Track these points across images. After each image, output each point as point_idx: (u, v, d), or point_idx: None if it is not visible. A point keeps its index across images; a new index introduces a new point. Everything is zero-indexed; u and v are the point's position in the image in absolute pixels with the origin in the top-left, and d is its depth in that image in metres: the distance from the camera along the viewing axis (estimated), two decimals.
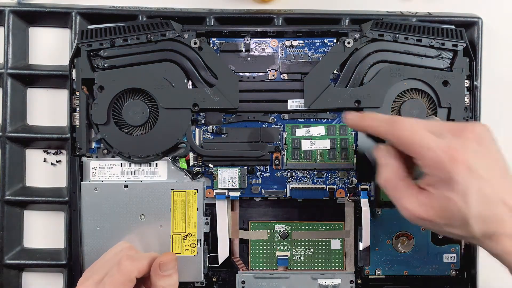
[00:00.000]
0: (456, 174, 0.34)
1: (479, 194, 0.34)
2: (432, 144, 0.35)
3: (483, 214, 0.34)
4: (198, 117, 0.49)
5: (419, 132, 0.36)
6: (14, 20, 0.50)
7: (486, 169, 0.34)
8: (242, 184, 0.48)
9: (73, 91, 0.48)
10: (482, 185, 0.34)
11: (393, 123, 0.37)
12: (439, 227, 0.36)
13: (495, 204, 0.34)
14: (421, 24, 0.48)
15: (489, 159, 0.35)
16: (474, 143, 0.35)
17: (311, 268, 0.50)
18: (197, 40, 0.47)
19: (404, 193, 0.36)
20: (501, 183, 0.35)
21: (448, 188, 0.34)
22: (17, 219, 0.51)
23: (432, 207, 0.35)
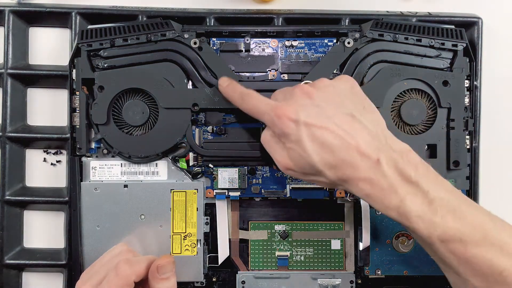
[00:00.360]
0: (285, 127, 0.38)
1: (315, 140, 0.37)
2: (264, 108, 0.40)
3: (327, 159, 0.37)
4: (198, 117, 0.49)
5: (256, 102, 0.41)
6: (14, 20, 0.50)
7: (318, 117, 0.37)
8: (242, 184, 0.48)
9: (73, 91, 0.48)
10: (315, 131, 0.37)
11: (242, 98, 0.43)
12: (302, 176, 0.40)
13: (337, 149, 0.36)
14: (421, 24, 0.48)
15: (325, 107, 0.38)
16: (302, 97, 0.39)
17: (311, 268, 0.50)
18: (197, 40, 0.47)
19: (274, 148, 0.40)
20: (342, 128, 0.37)
21: (287, 140, 0.38)
22: (17, 219, 0.51)
23: (289, 158, 0.39)
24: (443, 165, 0.48)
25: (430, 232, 0.36)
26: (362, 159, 0.36)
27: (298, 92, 0.40)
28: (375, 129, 0.38)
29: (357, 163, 0.36)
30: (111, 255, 0.44)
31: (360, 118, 0.38)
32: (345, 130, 0.37)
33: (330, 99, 0.39)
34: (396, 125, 0.48)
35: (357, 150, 0.36)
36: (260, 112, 0.41)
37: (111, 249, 0.45)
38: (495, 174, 0.52)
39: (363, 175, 0.36)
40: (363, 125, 0.38)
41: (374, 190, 0.36)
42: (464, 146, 0.48)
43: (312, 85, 0.40)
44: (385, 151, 0.36)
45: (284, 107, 0.38)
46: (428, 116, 0.48)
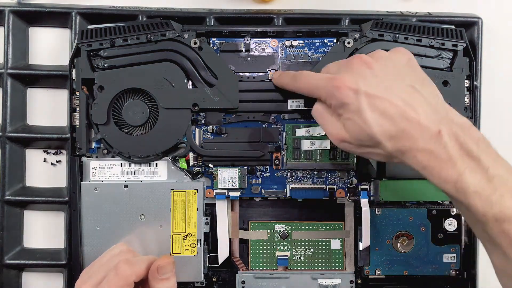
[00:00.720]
0: (345, 97, 0.37)
1: (375, 110, 0.36)
2: (320, 81, 0.40)
3: (388, 130, 0.36)
4: (198, 117, 0.49)
5: (310, 79, 0.41)
6: (14, 20, 0.50)
7: (378, 88, 0.37)
8: (242, 184, 0.48)
9: (73, 91, 0.48)
10: (375, 101, 0.36)
11: (294, 77, 0.43)
12: (358, 149, 0.39)
13: (398, 119, 0.36)
14: (421, 24, 0.48)
15: (384, 78, 0.37)
16: (362, 67, 0.38)
17: (311, 268, 0.50)
18: (197, 40, 0.47)
19: (328, 120, 0.40)
20: (403, 99, 0.36)
21: (346, 111, 0.38)
22: (17, 219, 0.51)
23: (345, 131, 0.38)
24: None
25: (486, 209, 0.34)
26: (422, 130, 0.35)
27: (357, 61, 0.39)
28: (435, 101, 0.37)
29: (417, 134, 0.35)
30: (110, 255, 0.43)
31: (420, 89, 0.37)
32: (406, 101, 0.36)
33: (390, 70, 0.38)
34: None
35: (418, 121, 0.35)
36: (315, 87, 0.40)
37: (110, 248, 0.45)
38: None
39: (423, 146, 0.35)
40: (424, 97, 0.37)
41: (432, 161, 0.35)
42: None
43: (370, 55, 0.40)
44: (446, 124, 0.36)
45: (343, 77, 0.38)
46: None
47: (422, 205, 0.49)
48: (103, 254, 0.44)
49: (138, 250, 0.47)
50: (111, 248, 0.45)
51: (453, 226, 0.49)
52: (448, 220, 0.49)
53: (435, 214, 0.49)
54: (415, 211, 0.49)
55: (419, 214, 0.49)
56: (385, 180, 0.49)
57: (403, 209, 0.49)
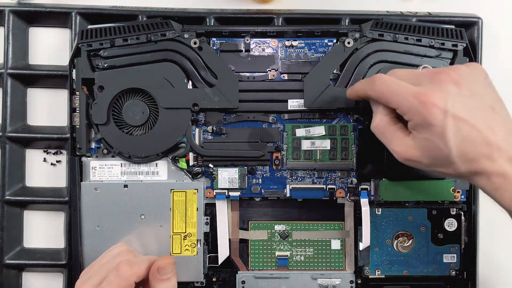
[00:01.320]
0: (431, 117, 0.35)
1: (458, 134, 0.35)
2: (404, 92, 0.37)
3: (466, 153, 0.35)
4: (198, 117, 0.49)
5: (392, 85, 0.38)
6: (14, 20, 0.50)
7: (465, 109, 0.35)
8: (242, 184, 0.48)
9: (73, 91, 0.48)
10: (461, 125, 0.35)
11: (371, 81, 0.40)
12: (427, 167, 0.38)
13: (478, 144, 0.35)
14: (421, 24, 0.48)
15: (470, 99, 0.36)
16: (450, 85, 0.36)
17: (311, 268, 0.50)
18: (197, 40, 0.47)
19: (393, 137, 0.38)
20: (485, 122, 0.36)
21: (427, 131, 0.36)
22: (17, 219, 0.51)
23: (417, 149, 0.37)
24: None
25: None
26: (500, 153, 0.35)
27: (445, 78, 0.37)
28: (511, 123, 0.37)
29: (495, 157, 0.35)
30: (110, 255, 0.43)
31: (499, 111, 0.37)
32: (488, 124, 0.36)
33: (474, 90, 0.37)
34: None
35: (497, 145, 0.35)
36: (396, 95, 0.37)
37: (110, 249, 0.45)
38: None
39: (498, 169, 0.35)
40: (503, 119, 0.37)
41: (506, 184, 0.35)
42: None
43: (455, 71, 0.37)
44: None
45: (432, 93, 0.36)
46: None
47: (422, 205, 0.49)
48: (103, 255, 0.44)
49: (138, 250, 0.47)
50: (111, 248, 0.45)
51: (453, 226, 0.49)
52: (448, 220, 0.49)
53: (435, 214, 0.49)
54: (415, 211, 0.49)
55: (419, 214, 0.49)
56: (385, 180, 0.49)
57: (403, 209, 0.49)
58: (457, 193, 0.49)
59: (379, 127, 0.40)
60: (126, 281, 0.40)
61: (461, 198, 0.49)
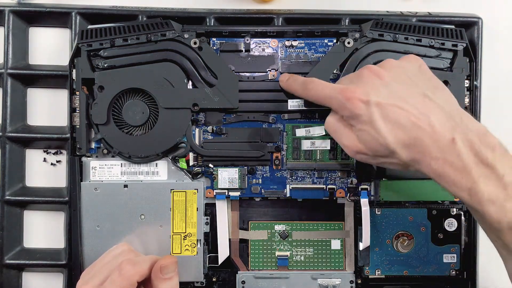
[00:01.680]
0: (356, 109, 0.37)
1: (387, 121, 0.36)
2: (331, 92, 0.40)
3: (401, 139, 0.36)
4: (198, 117, 0.49)
5: (321, 88, 0.41)
6: (14, 20, 0.50)
7: (390, 97, 0.37)
8: (242, 184, 0.48)
9: (73, 91, 0.48)
10: (387, 111, 0.36)
11: (305, 85, 0.43)
12: (373, 159, 0.39)
13: (411, 129, 0.36)
14: (421, 24, 0.48)
15: (396, 87, 0.37)
16: (373, 78, 0.38)
17: (311, 268, 0.50)
18: (197, 40, 0.47)
19: (341, 132, 0.40)
20: (416, 108, 0.36)
21: (358, 122, 0.38)
22: (17, 219, 0.51)
23: (360, 141, 0.38)
24: None
25: (500, 217, 0.34)
26: (436, 138, 0.35)
27: (366, 72, 0.39)
28: (449, 108, 0.37)
29: (431, 142, 0.35)
30: (112, 255, 0.43)
31: (432, 97, 0.37)
32: (419, 109, 0.36)
33: (401, 79, 0.38)
34: None
35: (432, 129, 0.35)
36: (326, 97, 0.40)
37: (111, 248, 0.45)
38: None
39: (436, 154, 0.35)
40: (437, 104, 0.37)
41: (447, 170, 0.35)
42: None
43: (380, 65, 0.40)
44: (460, 131, 0.35)
45: (353, 88, 0.38)
46: None
47: (422, 205, 0.49)
48: (104, 254, 0.44)
49: (138, 250, 0.47)
50: (113, 248, 0.45)
51: (453, 226, 0.49)
52: (448, 220, 0.49)
53: (435, 214, 0.49)
54: (415, 211, 0.49)
55: (419, 214, 0.49)
56: (385, 180, 0.49)
57: (403, 209, 0.49)
58: None
59: (329, 126, 0.42)
60: (128, 280, 0.40)
61: None
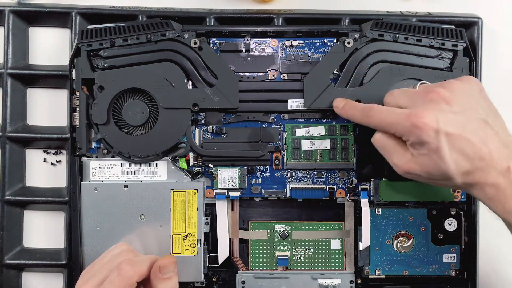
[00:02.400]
0: (424, 136, 0.37)
1: (453, 150, 0.37)
2: (397, 118, 0.39)
3: (462, 167, 0.37)
4: (198, 117, 0.49)
5: (385, 115, 0.40)
6: (14, 20, 0.50)
7: (456, 125, 0.37)
8: (242, 184, 0.48)
9: (73, 91, 0.48)
10: (454, 141, 0.37)
11: (366, 112, 0.42)
12: (426, 180, 0.40)
13: (472, 157, 0.37)
14: (421, 24, 0.48)
15: (461, 114, 0.38)
16: (441, 103, 0.38)
17: (311, 268, 0.50)
18: (197, 40, 0.47)
19: (393, 151, 0.40)
20: (477, 136, 0.37)
21: (423, 148, 0.38)
22: (17, 219, 0.51)
23: (416, 163, 0.39)
24: None
25: None
26: (494, 165, 0.37)
27: (435, 96, 0.38)
28: (505, 135, 0.38)
29: (488, 170, 0.37)
30: (111, 255, 0.43)
31: (492, 124, 0.38)
32: (481, 138, 0.37)
33: (466, 105, 0.38)
34: None
35: (490, 157, 0.37)
36: (391, 124, 0.40)
37: (111, 248, 0.45)
38: None
39: (491, 181, 0.37)
40: (495, 131, 0.38)
41: (498, 195, 0.37)
42: None
43: (444, 87, 0.39)
44: None
45: (422, 114, 0.37)
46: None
47: (422, 205, 0.49)
48: (103, 254, 0.44)
49: (138, 250, 0.47)
50: (112, 248, 0.45)
51: (453, 226, 0.49)
52: (448, 220, 0.49)
53: (435, 214, 0.49)
54: (415, 211, 0.49)
55: (419, 214, 0.49)
56: (385, 180, 0.49)
57: (403, 209, 0.49)
58: (457, 193, 0.49)
59: (380, 141, 0.41)
60: (127, 280, 0.40)
61: (461, 198, 0.49)
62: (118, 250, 0.44)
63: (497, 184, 0.37)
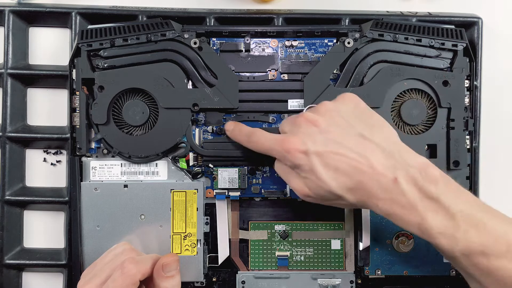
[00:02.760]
0: (296, 159, 0.38)
1: (328, 168, 0.37)
2: (271, 144, 0.40)
3: (345, 184, 0.37)
4: (198, 117, 0.49)
5: (262, 141, 0.41)
6: (14, 20, 0.50)
7: (327, 143, 0.37)
8: (242, 184, 0.48)
9: (73, 91, 0.48)
10: (327, 159, 0.37)
11: (249, 138, 0.43)
12: (322, 201, 0.40)
13: (352, 173, 0.36)
14: (421, 24, 0.48)
15: (333, 132, 0.38)
16: (308, 126, 0.39)
17: (311, 268, 0.50)
18: (197, 40, 0.47)
19: (289, 176, 0.40)
20: (354, 150, 0.37)
21: (301, 171, 0.38)
22: (17, 219, 0.51)
23: (306, 187, 0.39)
24: (443, 165, 0.48)
25: (453, 247, 0.35)
26: (379, 179, 0.36)
27: (302, 121, 0.39)
28: (388, 146, 0.37)
29: (374, 184, 0.36)
30: (113, 254, 0.43)
31: (370, 137, 0.38)
32: (358, 152, 0.36)
33: (336, 123, 0.39)
34: (396, 125, 0.48)
35: (373, 171, 0.36)
36: (268, 149, 0.41)
37: (112, 247, 0.45)
38: (495, 174, 0.52)
39: (382, 196, 0.36)
40: (375, 143, 0.37)
41: (394, 209, 0.36)
42: (464, 146, 0.48)
43: (314, 111, 0.40)
44: (402, 169, 0.36)
45: (291, 140, 0.38)
46: (428, 116, 0.48)
47: None
48: (104, 254, 0.44)
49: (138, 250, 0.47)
50: (114, 247, 0.45)
51: None
52: None
53: None
54: None
55: None
56: None
57: None
58: None
59: (278, 170, 0.42)
60: (131, 279, 0.40)
61: None
62: (120, 249, 0.44)
63: (389, 198, 0.36)
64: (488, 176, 0.51)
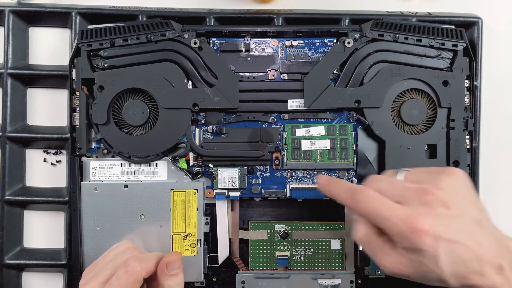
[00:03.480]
0: (421, 244, 0.34)
1: (450, 256, 0.34)
2: (391, 216, 0.35)
3: (459, 272, 0.34)
4: (198, 117, 0.49)
5: (378, 206, 0.36)
6: (14, 20, 0.50)
7: (454, 230, 0.35)
8: (242, 184, 0.48)
9: (73, 91, 0.48)
10: (452, 247, 0.34)
11: (353, 194, 0.38)
12: (418, 280, 0.36)
13: (471, 263, 0.34)
14: (421, 24, 0.48)
15: (458, 217, 0.35)
16: (439, 208, 0.35)
17: (311, 268, 0.50)
18: (197, 40, 0.47)
19: (379, 250, 0.37)
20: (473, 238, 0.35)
21: (418, 255, 0.35)
22: (17, 219, 0.51)
23: (407, 266, 0.36)
24: (443, 165, 0.48)
25: None
26: (489, 267, 0.35)
27: (434, 200, 0.35)
28: (496, 232, 0.36)
29: (485, 271, 0.35)
30: (115, 253, 0.43)
31: (485, 223, 0.36)
32: (477, 241, 0.35)
33: (461, 205, 0.36)
34: (396, 125, 0.48)
35: (486, 259, 0.35)
36: (384, 219, 0.36)
37: (114, 246, 0.45)
38: (495, 174, 0.52)
39: (488, 283, 0.35)
40: (489, 231, 0.36)
41: None
42: (464, 146, 0.48)
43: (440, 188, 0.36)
44: (506, 255, 0.35)
45: (421, 220, 0.34)
46: (428, 116, 0.48)
47: None
48: (105, 253, 0.44)
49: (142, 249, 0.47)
50: (115, 246, 0.45)
51: None
52: None
53: None
54: None
55: None
56: None
57: None
58: None
59: (364, 240, 0.38)
60: (135, 277, 0.40)
61: None
62: (122, 248, 0.44)
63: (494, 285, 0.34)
64: (488, 176, 0.51)
